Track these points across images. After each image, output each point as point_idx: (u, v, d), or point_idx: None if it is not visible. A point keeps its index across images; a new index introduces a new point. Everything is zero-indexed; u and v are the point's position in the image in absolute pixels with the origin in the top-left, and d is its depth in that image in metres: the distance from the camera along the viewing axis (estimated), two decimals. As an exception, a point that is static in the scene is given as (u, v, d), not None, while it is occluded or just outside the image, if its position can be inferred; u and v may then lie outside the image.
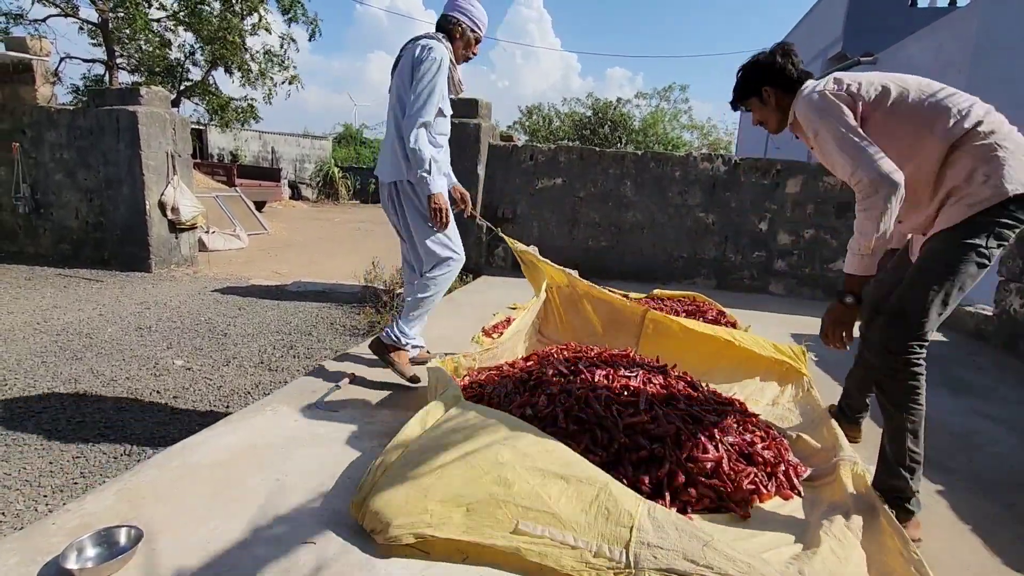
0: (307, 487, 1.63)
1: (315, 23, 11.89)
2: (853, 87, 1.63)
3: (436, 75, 2.20)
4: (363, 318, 5.04)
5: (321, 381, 2.46)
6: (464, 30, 2.38)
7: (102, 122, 6.34)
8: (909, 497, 1.58)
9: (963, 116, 1.54)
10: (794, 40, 11.22)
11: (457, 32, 2.37)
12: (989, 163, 1.49)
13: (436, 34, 2.34)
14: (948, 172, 1.56)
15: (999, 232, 1.51)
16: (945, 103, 1.57)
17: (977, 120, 1.53)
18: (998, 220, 1.50)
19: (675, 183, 5.40)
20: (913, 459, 1.59)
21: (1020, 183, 1.47)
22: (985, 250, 1.52)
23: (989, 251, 1.52)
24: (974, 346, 3.80)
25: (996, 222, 1.50)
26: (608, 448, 1.71)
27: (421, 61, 2.20)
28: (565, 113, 21.16)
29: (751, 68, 1.80)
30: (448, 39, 2.35)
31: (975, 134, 1.52)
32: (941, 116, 1.55)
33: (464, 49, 2.42)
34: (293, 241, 10.70)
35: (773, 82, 1.76)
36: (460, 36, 2.38)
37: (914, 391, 1.60)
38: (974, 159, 1.51)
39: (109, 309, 4.85)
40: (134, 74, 11.24)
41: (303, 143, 23.50)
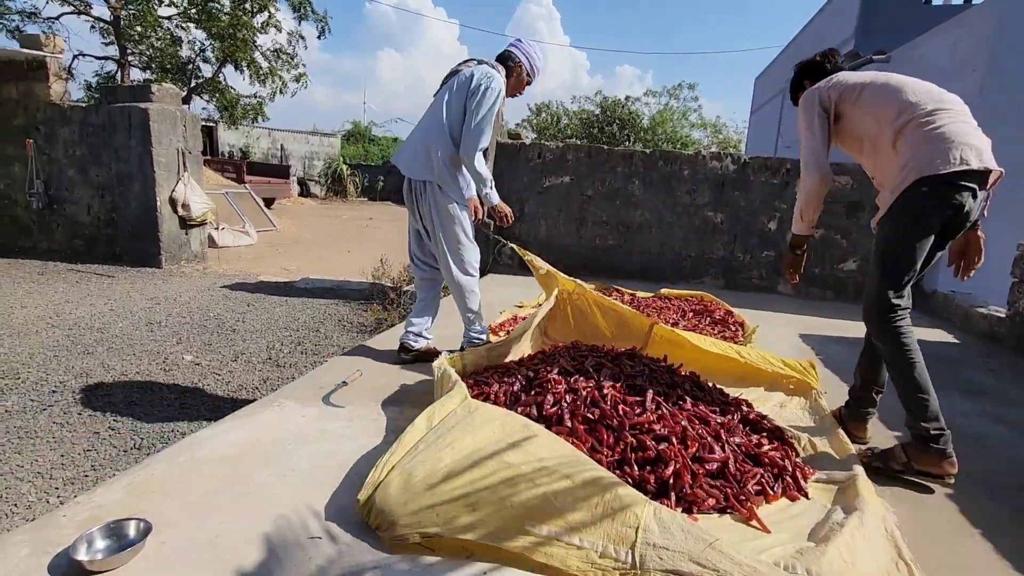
0: (314, 483, 1.63)
1: (324, 20, 11.93)
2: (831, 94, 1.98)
3: (494, 105, 2.38)
4: (370, 315, 5.06)
5: (328, 377, 2.47)
6: (522, 71, 2.56)
7: (114, 119, 6.41)
8: (935, 438, 1.79)
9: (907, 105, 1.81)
10: (805, 38, 11.10)
11: (516, 71, 2.54)
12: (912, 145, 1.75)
13: (497, 64, 2.50)
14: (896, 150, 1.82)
15: (921, 209, 1.75)
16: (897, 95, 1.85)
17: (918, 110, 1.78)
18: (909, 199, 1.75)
19: (684, 182, 5.38)
20: (923, 405, 1.81)
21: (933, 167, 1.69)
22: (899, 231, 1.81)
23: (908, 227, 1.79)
24: (986, 348, 3.75)
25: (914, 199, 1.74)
26: (614, 448, 1.70)
27: (485, 90, 2.35)
28: (574, 111, 21.09)
29: (802, 66, 2.22)
30: (505, 73, 2.50)
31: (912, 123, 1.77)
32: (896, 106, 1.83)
33: (515, 87, 2.59)
34: (301, 238, 10.76)
35: (809, 76, 2.17)
36: (516, 75, 2.55)
37: (902, 349, 1.83)
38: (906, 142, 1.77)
39: (120, 304, 4.90)
40: (145, 71, 11.33)
41: (312, 140, 23.60)
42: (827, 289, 5.27)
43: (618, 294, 4.38)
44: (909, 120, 1.78)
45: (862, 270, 5.20)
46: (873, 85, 1.92)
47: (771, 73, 13.51)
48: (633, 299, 4.23)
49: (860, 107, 1.92)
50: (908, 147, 1.76)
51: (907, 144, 1.77)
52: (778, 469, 1.75)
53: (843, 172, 5.07)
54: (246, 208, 11.24)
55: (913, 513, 1.70)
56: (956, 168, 1.68)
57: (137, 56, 11.31)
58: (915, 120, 1.77)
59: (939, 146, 1.70)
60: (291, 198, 17.98)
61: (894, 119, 1.80)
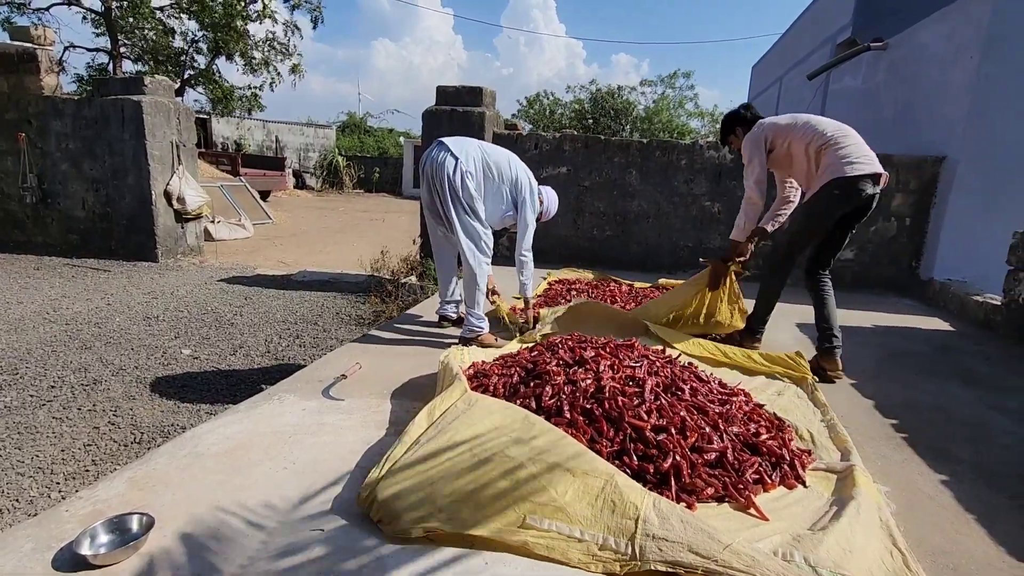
0: (315, 476, 1.64)
1: (318, 10, 11.82)
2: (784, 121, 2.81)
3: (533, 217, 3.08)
4: (369, 307, 5.06)
5: (328, 370, 2.47)
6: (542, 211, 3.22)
7: (107, 112, 6.34)
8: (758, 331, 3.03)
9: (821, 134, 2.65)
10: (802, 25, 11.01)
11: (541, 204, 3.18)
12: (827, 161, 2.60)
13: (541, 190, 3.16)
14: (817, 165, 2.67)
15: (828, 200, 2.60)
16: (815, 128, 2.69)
17: (829, 137, 2.62)
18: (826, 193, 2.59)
19: (681, 172, 5.37)
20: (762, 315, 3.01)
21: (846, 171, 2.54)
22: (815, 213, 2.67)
23: (817, 212, 2.65)
24: (983, 336, 3.77)
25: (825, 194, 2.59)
26: (613, 439, 1.71)
27: (529, 207, 3.03)
28: (568, 102, 20.97)
29: (733, 116, 3.05)
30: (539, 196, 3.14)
31: (825, 146, 2.62)
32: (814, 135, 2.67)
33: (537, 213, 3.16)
34: (298, 230, 10.72)
35: (740, 123, 3.02)
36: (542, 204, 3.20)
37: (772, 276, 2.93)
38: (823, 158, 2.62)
39: (117, 299, 4.89)
40: (138, 63, 11.21)
41: (307, 132, 23.43)
42: (824, 278, 5.27)
43: (616, 284, 4.39)
44: (823, 145, 2.63)
45: (859, 260, 5.21)
46: (797, 124, 2.75)
47: (768, 61, 13.43)
48: (631, 289, 4.23)
49: (790, 140, 2.74)
50: (825, 162, 2.60)
51: (824, 161, 2.61)
52: (776, 458, 1.76)
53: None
54: (242, 201, 11.17)
55: (908, 499, 1.72)
56: (857, 173, 2.54)
57: (129, 47, 11.19)
58: (827, 145, 2.62)
59: (845, 160, 2.56)
60: (287, 190, 17.87)
61: (815, 145, 2.65)
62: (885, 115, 6.07)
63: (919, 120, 5.38)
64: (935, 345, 3.47)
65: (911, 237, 5.08)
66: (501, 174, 2.88)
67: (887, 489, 1.75)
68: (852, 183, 2.53)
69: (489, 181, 2.86)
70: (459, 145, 2.76)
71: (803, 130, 2.70)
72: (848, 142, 2.60)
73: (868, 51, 6.49)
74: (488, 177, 2.85)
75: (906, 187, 5.01)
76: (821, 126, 2.67)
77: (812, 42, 9.97)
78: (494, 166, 2.86)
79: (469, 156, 2.75)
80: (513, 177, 2.93)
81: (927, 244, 5.02)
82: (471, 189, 2.72)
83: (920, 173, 4.96)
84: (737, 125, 3.00)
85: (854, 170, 2.52)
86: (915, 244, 5.08)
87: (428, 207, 2.92)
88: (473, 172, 2.74)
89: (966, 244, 4.71)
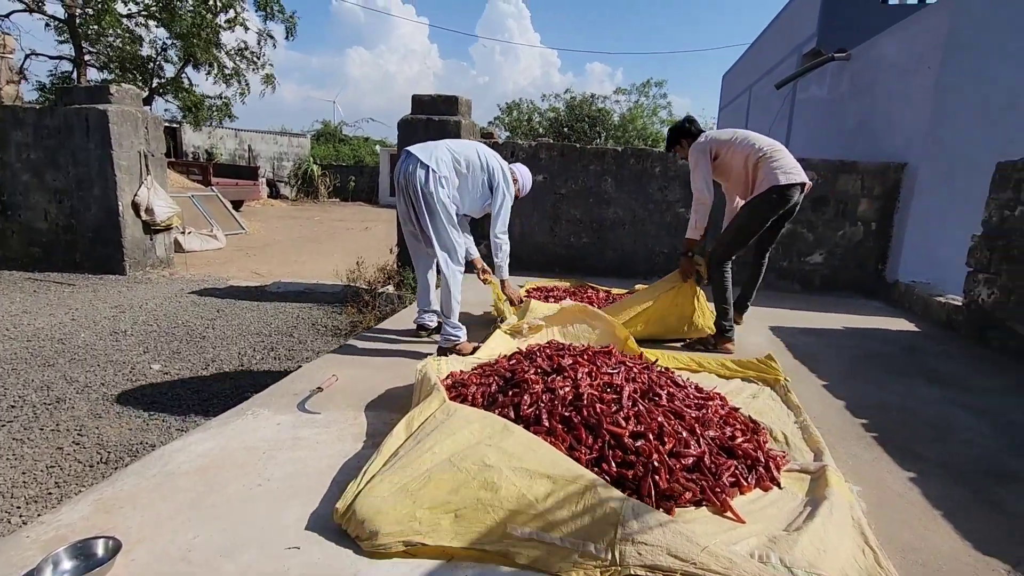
0: (290, 492, 1.61)
1: (292, 20, 11.70)
2: (724, 136, 3.21)
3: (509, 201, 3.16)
4: (345, 318, 5.00)
5: (303, 383, 2.43)
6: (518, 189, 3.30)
7: (71, 121, 6.17)
8: (728, 329, 3.22)
9: (758, 149, 3.09)
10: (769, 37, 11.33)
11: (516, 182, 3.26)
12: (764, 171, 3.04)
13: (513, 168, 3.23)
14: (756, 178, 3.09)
15: (766, 204, 3.03)
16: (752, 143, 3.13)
17: (764, 151, 3.07)
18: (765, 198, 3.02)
19: (655, 179, 5.45)
20: (726, 312, 3.22)
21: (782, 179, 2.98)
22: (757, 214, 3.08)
23: (759, 215, 3.08)
24: (947, 336, 3.90)
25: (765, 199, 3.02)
26: (592, 446, 1.72)
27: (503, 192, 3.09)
28: (545, 109, 21.14)
29: (679, 128, 3.40)
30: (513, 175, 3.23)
31: (762, 159, 3.06)
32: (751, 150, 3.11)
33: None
34: (272, 240, 10.56)
35: (687, 135, 3.35)
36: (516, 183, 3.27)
37: (724, 281, 3.22)
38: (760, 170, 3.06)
39: (82, 313, 4.73)
40: (104, 71, 10.92)
41: (281, 141, 23.13)
42: (794, 282, 5.40)
43: (593, 291, 4.42)
44: (760, 157, 3.06)
45: (828, 263, 5.35)
46: (737, 139, 3.16)
47: (738, 70, 13.77)
48: (608, 296, 4.27)
49: (731, 152, 3.16)
50: (763, 173, 3.05)
51: (761, 171, 3.05)
52: (751, 461, 1.79)
53: (808, 167, 5.20)
54: (213, 211, 10.96)
55: (878, 497, 1.76)
56: (790, 181, 2.99)
57: (95, 55, 10.90)
58: (763, 157, 3.06)
59: (780, 171, 3.01)
60: (261, 200, 17.59)
61: (753, 157, 3.09)
62: (850, 123, 6.27)
63: (882, 128, 5.57)
64: (902, 346, 3.58)
65: (877, 241, 5.24)
66: (471, 165, 2.96)
67: (859, 488, 1.79)
68: (785, 190, 2.99)
69: (463, 176, 2.93)
70: (427, 152, 2.81)
71: (742, 144, 3.13)
72: (780, 156, 3.06)
73: (832, 61, 6.70)
74: (460, 173, 2.92)
75: (871, 193, 5.17)
76: (758, 142, 3.11)
77: (780, 52, 10.26)
78: (464, 161, 2.92)
79: (440, 161, 2.79)
80: (483, 164, 3.02)
81: (892, 247, 5.19)
82: (443, 197, 2.78)
83: (884, 179, 5.12)
84: (682, 137, 3.36)
85: (788, 179, 2.99)
86: (881, 248, 5.24)
87: (404, 218, 2.98)
88: (447, 176, 2.80)
89: (928, 247, 4.88)
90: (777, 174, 2.99)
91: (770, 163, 3.03)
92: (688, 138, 3.33)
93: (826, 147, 6.68)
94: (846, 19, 8.37)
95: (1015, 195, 3.53)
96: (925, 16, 5.09)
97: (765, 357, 2.75)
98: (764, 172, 3.04)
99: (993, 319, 3.62)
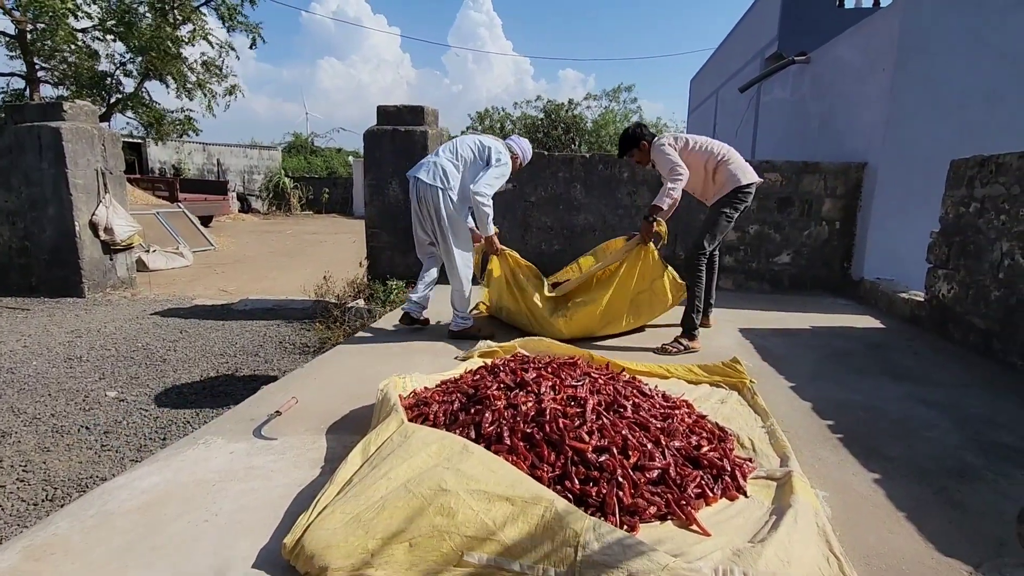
0: (238, 527, 1.53)
1: (256, 31, 11.52)
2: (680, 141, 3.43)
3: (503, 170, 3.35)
4: (314, 334, 4.89)
5: (261, 408, 2.34)
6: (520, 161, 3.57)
7: (22, 140, 5.95)
8: (695, 327, 3.32)
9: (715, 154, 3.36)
10: (733, 41, 11.54)
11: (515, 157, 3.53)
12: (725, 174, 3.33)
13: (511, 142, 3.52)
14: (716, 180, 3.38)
15: (732, 204, 3.31)
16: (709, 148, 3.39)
17: (721, 155, 3.35)
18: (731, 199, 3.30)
19: (624, 184, 5.47)
20: (697, 309, 3.33)
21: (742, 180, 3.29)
22: (727, 213, 3.31)
23: (729, 213, 3.31)
24: (912, 331, 3.97)
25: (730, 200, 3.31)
26: (555, 463, 1.68)
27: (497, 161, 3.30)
28: (517, 116, 21.23)
29: (633, 133, 3.54)
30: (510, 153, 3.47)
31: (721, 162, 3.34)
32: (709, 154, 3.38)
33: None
34: (242, 256, 10.34)
35: (644, 138, 3.50)
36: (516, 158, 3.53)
37: (698, 278, 3.36)
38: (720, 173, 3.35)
39: (35, 340, 4.53)
40: (59, 87, 10.58)
41: (251, 154, 22.79)
42: (764, 282, 5.46)
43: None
44: (720, 161, 3.34)
45: (795, 263, 5.42)
46: (696, 144, 3.40)
47: (705, 75, 14.00)
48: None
49: (691, 155, 3.36)
50: (722, 175, 3.33)
51: (721, 174, 3.33)
52: (717, 470, 1.77)
53: (773, 169, 5.29)
54: (180, 228, 10.70)
55: (844, 501, 1.75)
56: (749, 181, 3.31)
57: (49, 71, 10.57)
58: (722, 161, 3.34)
59: (740, 172, 3.31)
60: (231, 215, 17.28)
61: (712, 161, 3.35)
62: (812, 125, 6.40)
63: (842, 129, 5.69)
64: (868, 343, 3.62)
65: (842, 240, 5.33)
66: (467, 159, 3.29)
67: (825, 494, 1.78)
68: (747, 188, 3.31)
69: (468, 167, 3.28)
70: (432, 173, 3.20)
71: (700, 149, 3.40)
72: (735, 158, 3.37)
73: (793, 64, 6.83)
74: (464, 168, 3.28)
75: (834, 193, 5.26)
76: (716, 147, 3.40)
77: (743, 56, 10.46)
78: (461, 159, 3.28)
79: (448, 176, 3.19)
80: (479, 149, 3.33)
81: (856, 246, 5.28)
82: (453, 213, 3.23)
83: (846, 179, 5.22)
84: (641, 140, 3.54)
85: (747, 179, 3.31)
86: (846, 246, 5.34)
87: (419, 226, 3.40)
88: (455, 187, 3.21)
89: (891, 244, 4.98)
90: (737, 175, 3.29)
91: (728, 166, 3.31)
92: (647, 140, 3.50)
93: (791, 148, 6.80)
94: (805, 23, 8.58)
95: (968, 192, 3.62)
96: (878, 19, 5.23)
97: (731, 360, 2.75)
98: (724, 174, 3.31)
99: (953, 314, 3.69)
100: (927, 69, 4.72)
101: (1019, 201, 3.19)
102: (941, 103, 4.74)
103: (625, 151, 3.58)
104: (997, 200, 3.35)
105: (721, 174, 3.33)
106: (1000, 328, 3.28)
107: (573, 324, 3.41)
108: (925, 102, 4.76)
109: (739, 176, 3.29)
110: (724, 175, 3.32)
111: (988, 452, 2.10)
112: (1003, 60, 4.62)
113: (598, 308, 3.42)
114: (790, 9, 8.80)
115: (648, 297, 3.55)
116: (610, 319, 3.46)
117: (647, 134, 3.52)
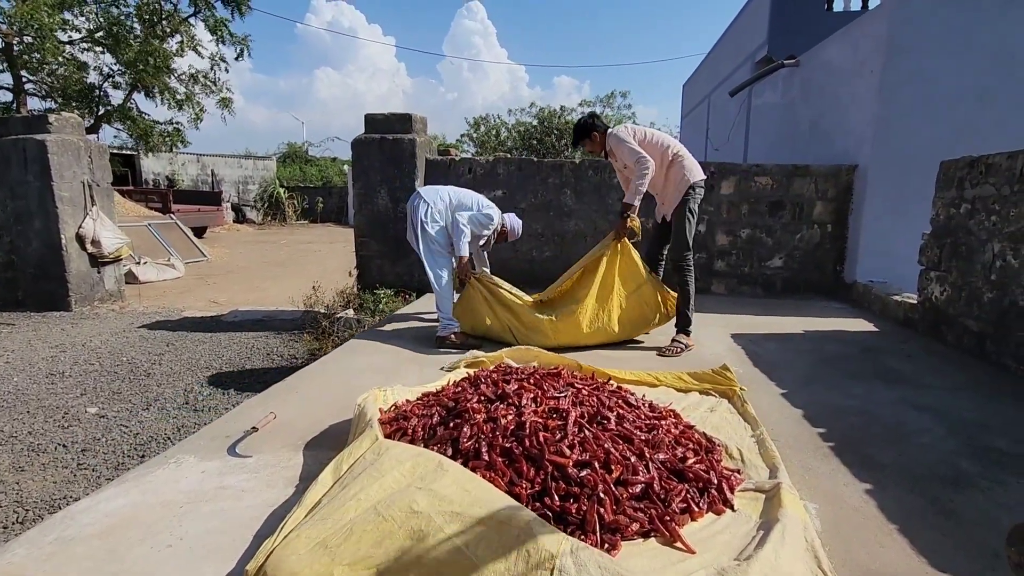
0: (203, 552, 1.46)
1: (244, 43, 11.49)
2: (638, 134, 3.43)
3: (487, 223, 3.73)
4: (303, 346, 4.82)
5: (238, 424, 2.27)
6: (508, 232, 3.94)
7: (7, 153, 5.90)
8: (689, 323, 3.44)
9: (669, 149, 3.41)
10: (724, 46, 11.57)
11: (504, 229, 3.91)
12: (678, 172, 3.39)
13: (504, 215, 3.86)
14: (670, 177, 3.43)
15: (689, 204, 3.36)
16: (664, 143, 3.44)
17: (674, 151, 3.40)
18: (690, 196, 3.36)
19: (614, 189, 5.43)
20: (688, 304, 3.44)
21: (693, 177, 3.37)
22: (691, 212, 3.38)
23: (692, 211, 3.39)
24: (905, 334, 3.92)
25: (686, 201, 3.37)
26: (534, 479, 1.62)
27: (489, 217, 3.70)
28: (512, 124, 21.24)
29: (585, 123, 3.53)
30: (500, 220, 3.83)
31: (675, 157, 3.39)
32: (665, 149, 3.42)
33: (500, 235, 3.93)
34: (235, 267, 10.28)
35: (596, 129, 3.49)
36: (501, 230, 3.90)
37: (687, 276, 3.43)
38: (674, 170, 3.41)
39: (18, 356, 4.46)
40: (47, 100, 10.53)
41: (246, 164, 22.74)
42: (756, 287, 5.42)
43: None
44: (674, 156, 3.39)
45: (788, 267, 5.38)
46: (651, 135, 3.44)
47: (697, 79, 14.03)
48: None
49: (648, 147, 3.35)
50: (676, 172, 3.39)
51: (674, 170, 3.39)
52: (703, 483, 1.71)
53: (763, 173, 5.26)
54: (172, 239, 10.64)
55: (834, 513, 1.70)
56: (700, 178, 3.40)
57: (36, 84, 10.52)
58: (676, 156, 3.39)
59: (693, 167, 3.39)
60: (225, 225, 17.22)
61: (668, 155, 3.40)
62: (802, 127, 6.38)
63: (832, 131, 5.67)
64: (861, 347, 3.57)
65: (834, 242, 5.30)
66: (464, 204, 3.64)
67: (815, 506, 1.72)
68: (701, 184, 3.42)
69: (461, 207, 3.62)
70: (432, 194, 3.60)
71: (656, 142, 3.43)
72: (687, 154, 3.44)
73: (783, 68, 6.83)
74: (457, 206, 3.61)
75: (825, 195, 5.23)
76: (669, 142, 3.46)
77: (734, 60, 10.47)
78: (458, 197, 3.64)
79: (439, 198, 3.57)
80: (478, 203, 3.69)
81: (848, 248, 5.25)
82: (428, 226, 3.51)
83: (837, 182, 5.19)
84: (593, 130, 3.54)
85: (696, 176, 3.40)
86: (838, 249, 5.30)
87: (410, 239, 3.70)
88: (441, 210, 3.54)
89: (883, 247, 4.94)
90: (688, 175, 3.36)
91: (682, 162, 3.38)
92: (599, 131, 3.50)
93: (783, 151, 6.78)
94: (794, 26, 8.59)
95: (959, 193, 3.59)
96: (866, 21, 5.22)
97: (720, 367, 2.70)
98: (677, 171, 3.38)
99: (946, 316, 3.65)
100: (916, 69, 4.70)
101: (1009, 202, 3.15)
102: (931, 103, 4.72)
103: (578, 140, 3.61)
104: (988, 201, 3.32)
105: (674, 172, 3.38)
106: (993, 330, 3.23)
107: (560, 329, 3.36)
108: (915, 102, 4.74)
109: (689, 176, 3.35)
110: (677, 173, 3.37)
111: (982, 458, 2.05)
112: (994, 59, 4.61)
113: (582, 309, 3.37)
114: (779, 12, 8.82)
115: (636, 302, 3.47)
116: (597, 324, 3.39)
117: (599, 125, 3.52)
